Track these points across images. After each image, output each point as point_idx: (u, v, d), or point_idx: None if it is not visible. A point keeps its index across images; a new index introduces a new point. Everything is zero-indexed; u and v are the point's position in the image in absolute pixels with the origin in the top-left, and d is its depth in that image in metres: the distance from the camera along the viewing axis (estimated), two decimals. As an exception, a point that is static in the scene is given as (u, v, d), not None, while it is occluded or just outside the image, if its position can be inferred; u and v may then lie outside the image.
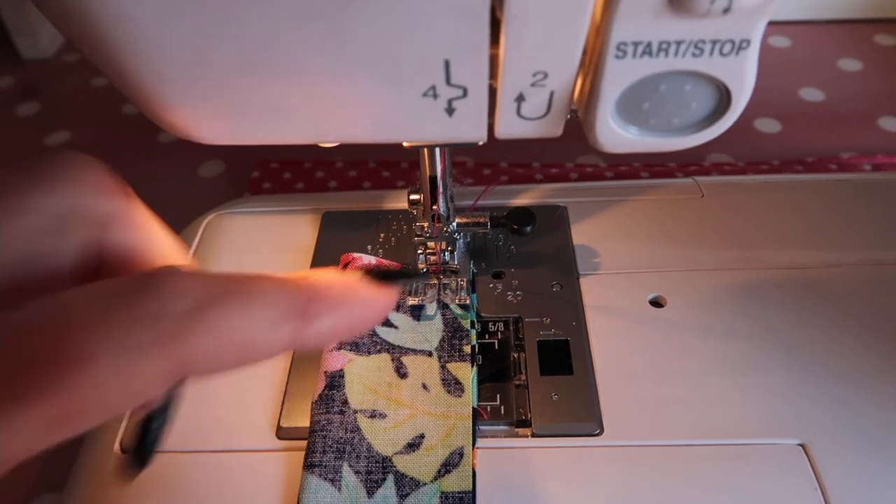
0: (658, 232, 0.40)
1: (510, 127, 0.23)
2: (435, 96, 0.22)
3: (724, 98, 0.21)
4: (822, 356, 0.33)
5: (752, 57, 0.20)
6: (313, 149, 0.58)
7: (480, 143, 0.25)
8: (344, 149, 0.57)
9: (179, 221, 0.46)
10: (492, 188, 0.43)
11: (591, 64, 0.22)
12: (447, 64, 0.21)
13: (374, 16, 0.19)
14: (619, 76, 0.21)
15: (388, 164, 0.56)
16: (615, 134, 0.22)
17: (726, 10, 0.18)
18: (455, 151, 0.55)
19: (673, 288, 0.37)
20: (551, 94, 0.22)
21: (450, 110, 0.22)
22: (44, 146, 0.63)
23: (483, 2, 0.19)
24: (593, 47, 0.21)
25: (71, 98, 0.70)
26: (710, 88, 0.21)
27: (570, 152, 0.57)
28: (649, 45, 0.20)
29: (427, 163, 0.31)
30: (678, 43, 0.20)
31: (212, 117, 0.24)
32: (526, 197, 0.43)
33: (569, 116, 0.24)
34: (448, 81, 0.21)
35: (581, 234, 0.40)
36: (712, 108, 0.22)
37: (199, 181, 0.57)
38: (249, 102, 0.23)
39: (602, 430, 0.31)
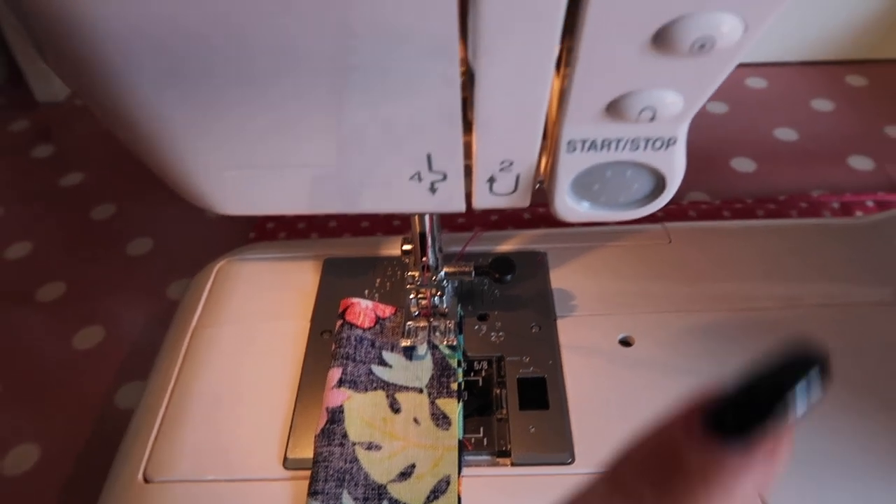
0: (629, 276, 0.44)
1: (485, 201, 0.28)
2: (420, 180, 0.26)
3: (660, 181, 0.26)
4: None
5: (680, 149, 0.24)
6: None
7: (460, 212, 0.29)
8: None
9: (189, 260, 0.49)
10: (478, 236, 0.47)
11: (551, 149, 0.26)
12: (429, 157, 0.25)
13: (371, 121, 0.24)
14: (571, 165, 0.25)
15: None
16: (571, 208, 0.27)
17: (652, 119, 0.22)
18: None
19: (641, 328, 0.41)
20: (518, 175, 0.26)
21: (433, 189, 0.27)
22: (58, 187, 0.66)
23: (456, 109, 0.23)
24: (551, 135, 0.25)
25: (84, 141, 0.72)
26: (647, 174, 0.25)
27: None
28: (594, 141, 0.24)
29: (417, 223, 0.35)
30: (618, 140, 0.24)
31: (231, 192, 0.28)
32: (509, 243, 0.47)
33: (536, 187, 0.28)
34: (430, 169, 0.25)
35: (559, 278, 0.44)
36: (651, 188, 0.26)
37: (207, 221, 0.60)
38: (268, 184, 0.27)
39: (573, 460, 0.35)
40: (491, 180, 0.26)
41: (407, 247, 0.40)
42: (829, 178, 0.64)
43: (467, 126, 0.24)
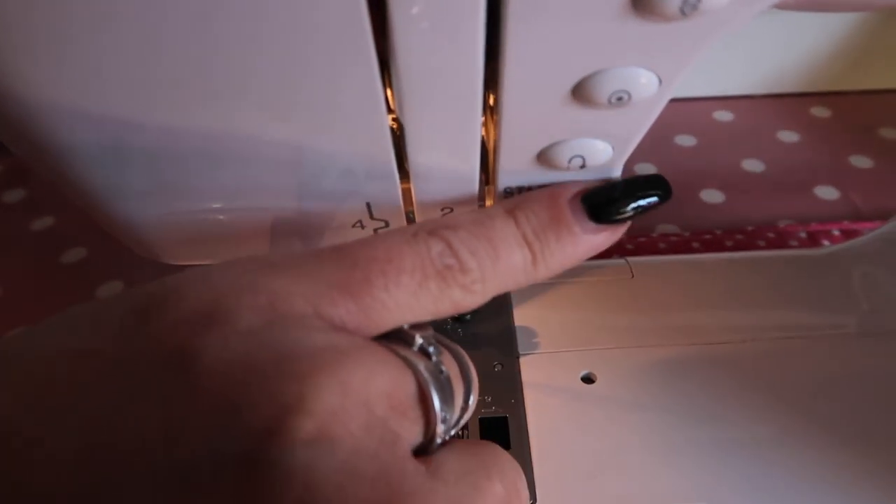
0: (592, 311, 0.44)
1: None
2: (362, 227, 0.26)
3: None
4: (736, 427, 0.37)
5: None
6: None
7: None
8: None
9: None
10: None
11: (492, 194, 0.26)
12: (369, 206, 0.25)
13: (317, 176, 0.24)
14: (510, 211, 0.25)
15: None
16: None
17: (582, 167, 0.22)
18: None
19: (604, 364, 0.41)
20: (460, 223, 0.26)
21: (376, 237, 0.27)
22: (29, 231, 0.66)
23: (391, 166, 0.23)
24: (491, 181, 0.26)
25: (56, 186, 0.72)
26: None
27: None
28: (531, 188, 0.24)
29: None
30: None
31: (180, 244, 0.28)
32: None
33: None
34: (371, 216, 0.26)
35: (522, 315, 0.44)
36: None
37: (181, 267, 0.60)
38: (217, 232, 0.27)
39: (535, 501, 0.34)
40: (433, 228, 0.27)
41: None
42: (795, 207, 0.65)
43: (405, 174, 0.24)
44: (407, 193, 0.25)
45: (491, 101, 0.21)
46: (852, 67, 0.78)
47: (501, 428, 0.38)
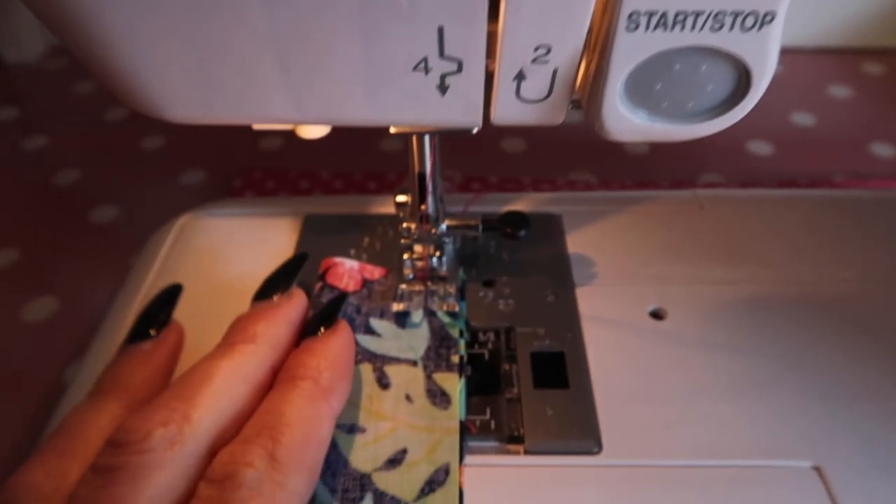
0: (656, 243, 0.39)
1: (508, 111, 0.22)
2: (427, 70, 0.20)
3: (742, 80, 0.20)
4: (834, 375, 0.31)
5: (775, 33, 0.18)
6: (298, 158, 0.57)
7: (475, 129, 0.23)
8: (329, 159, 0.56)
9: (156, 228, 0.44)
10: (480, 197, 0.41)
11: (598, 41, 0.20)
12: (441, 32, 0.19)
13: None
14: (629, 51, 0.19)
15: (374, 175, 0.54)
16: (623, 118, 0.21)
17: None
18: (443, 164, 0.54)
19: (673, 301, 0.35)
20: (554, 72, 0.20)
21: (442, 88, 0.21)
22: (20, 150, 0.61)
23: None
24: (600, 23, 0.19)
25: (52, 104, 0.67)
26: (728, 68, 0.19)
27: (561, 168, 0.56)
28: (664, 15, 0.18)
29: (416, 157, 0.29)
30: (696, 14, 0.18)
31: (182, 87, 0.22)
32: (518, 205, 0.41)
33: (570, 107, 0.22)
34: (441, 53, 0.19)
35: (576, 243, 0.38)
36: (730, 91, 0.20)
37: (180, 189, 0.55)
38: (222, 71, 0.21)
39: (601, 449, 0.29)
40: (520, 77, 0.20)
41: (402, 198, 0.34)
42: (849, 163, 0.61)
43: (492, 12, 0.18)
44: (492, 39, 0.19)
45: None
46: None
47: (557, 364, 0.32)
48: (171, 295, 0.30)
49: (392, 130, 0.25)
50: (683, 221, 0.40)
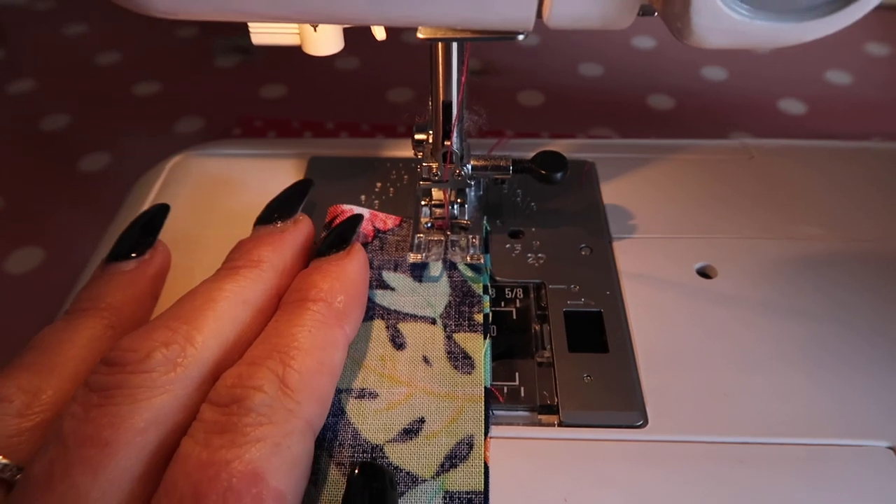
0: (702, 194, 0.34)
1: (567, 7, 0.17)
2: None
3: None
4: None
5: None
6: (300, 108, 0.53)
7: (522, 35, 0.19)
8: (336, 110, 0.52)
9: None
10: (504, 141, 0.37)
11: None
12: None
13: None
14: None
15: (382, 127, 0.50)
16: (718, 14, 0.16)
17: None
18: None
19: (724, 257, 0.31)
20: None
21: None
22: (4, 94, 0.57)
23: None
24: None
25: (41, 46, 0.64)
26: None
27: (581, 123, 0.52)
28: None
29: (441, 77, 0.25)
30: None
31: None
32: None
33: (639, 14, 0.18)
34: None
35: (612, 193, 0.34)
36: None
37: (175, 137, 0.51)
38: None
39: (646, 422, 0.25)
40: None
41: (420, 135, 0.30)
42: (886, 125, 0.57)
43: None
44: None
45: None
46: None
47: (594, 325, 0.28)
48: (156, 215, 0.28)
49: (419, 35, 0.21)
50: (732, 170, 0.36)
